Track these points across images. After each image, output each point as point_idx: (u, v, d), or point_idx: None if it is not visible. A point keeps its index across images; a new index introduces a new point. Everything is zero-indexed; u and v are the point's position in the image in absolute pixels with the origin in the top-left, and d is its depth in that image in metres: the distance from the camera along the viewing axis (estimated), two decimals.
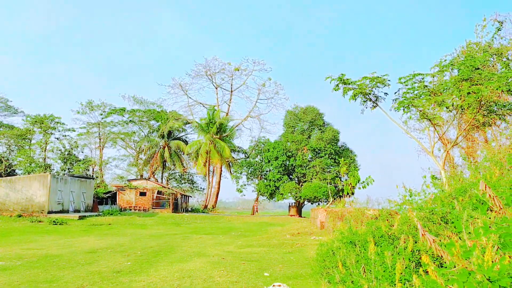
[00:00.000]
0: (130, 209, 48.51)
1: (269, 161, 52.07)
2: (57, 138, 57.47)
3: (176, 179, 71.75)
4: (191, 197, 68.79)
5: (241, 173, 56.81)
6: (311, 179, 49.35)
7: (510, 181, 7.74)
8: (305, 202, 51.43)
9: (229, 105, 66.12)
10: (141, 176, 64.36)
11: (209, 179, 61.03)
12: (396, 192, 10.61)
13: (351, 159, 50.58)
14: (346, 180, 38.39)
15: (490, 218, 4.83)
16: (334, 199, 34.16)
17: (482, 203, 7.05)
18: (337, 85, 16.80)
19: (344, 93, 16.97)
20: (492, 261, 2.72)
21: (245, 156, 61.31)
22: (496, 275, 2.17)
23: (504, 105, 16.64)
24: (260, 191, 52.74)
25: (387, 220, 9.52)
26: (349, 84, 16.69)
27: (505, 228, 2.47)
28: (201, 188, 72.05)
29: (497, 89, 14.88)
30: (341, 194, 40.11)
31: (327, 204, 35.79)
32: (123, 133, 65.82)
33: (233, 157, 60.20)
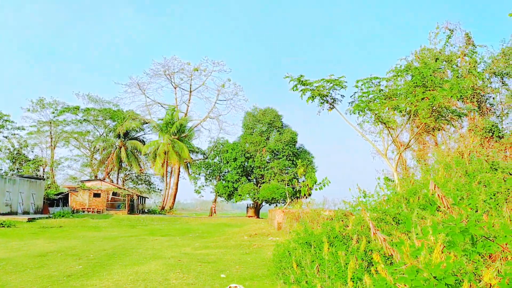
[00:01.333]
0: (83, 211, 46.91)
1: (227, 162, 51.96)
2: (6, 137, 54.74)
3: (133, 180, 70.15)
4: (148, 198, 67.51)
5: (199, 174, 56.37)
6: (269, 180, 49.66)
7: (457, 183, 8.09)
8: (263, 203, 51.67)
9: (188, 106, 65.52)
10: (96, 177, 62.43)
11: (166, 180, 60.13)
12: (351, 193, 10.85)
13: (308, 161, 51.31)
14: (303, 181, 38.89)
15: (438, 217, 5.01)
16: (292, 200, 34.50)
17: (431, 204, 7.31)
18: (296, 85, 16.97)
19: (302, 94, 17.16)
20: (439, 260, 2.80)
21: (203, 157, 60.89)
22: (442, 273, 2.24)
23: (453, 111, 17.41)
24: (218, 192, 52.54)
25: (342, 220, 9.70)
26: (307, 85, 16.90)
27: (451, 227, 2.55)
28: (158, 189, 70.82)
29: (450, 96, 15.54)
30: (298, 195, 40.61)
31: (284, 205, 36.12)
32: (77, 132, 63.60)
33: (191, 158, 59.62)
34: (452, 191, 7.60)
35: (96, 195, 48.84)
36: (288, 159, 50.66)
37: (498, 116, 20.66)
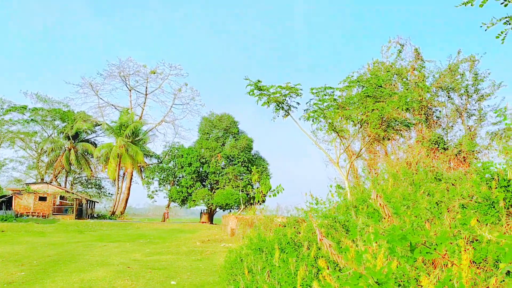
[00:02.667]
0: (28, 215, 44.66)
1: (182, 167, 51.33)
2: None
3: (82, 184, 67.62)
4: (97, 202, 65.30)
5: (153, 179, 55.29)
6: (224, 186, 49.51)
7: (404, 192, 8.40)
8: (217, 209, 51.42)
9: (143, 109, 64.24)
10: (42, 179, 59.71)
11: (118, 184, 58.48)
12: (304, 200, 11.01)
13: (263, 168, 51.65)
14: (257, 188, 39.07)
15: (382, 225, 5.17)
16: (246, 206, 34.55)
17: (378, 213, 7.55)
18: (253, 90, 17.09)
19: (258, 99, 17.30)
20: (382, 266, 2.89)
21: (158, 161, 59.78)
22: (383, 278, 2.31)
23: (401, 122, 18.12)
24: (172, 198, 51.75)
25: (294, 227, 9.81)
26: (264, 90, 17.06)
27: (391, 234, 2.65)
28: (109, 193, 68.64)
29: (397, 108, 16.17)
30: (252, 201, 40.72)
31: (238, 211, 36.09)
32: (23, 133, 60.56)
33: (145, 162, 58.40)
34: (399, 200, 7.89)
35: (42, 198, 46.65)
36: (243, 165, 50.75)
37: (443, 129, 21.68)
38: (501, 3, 8.83)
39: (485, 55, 21.21)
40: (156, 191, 55.41)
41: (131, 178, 59.47)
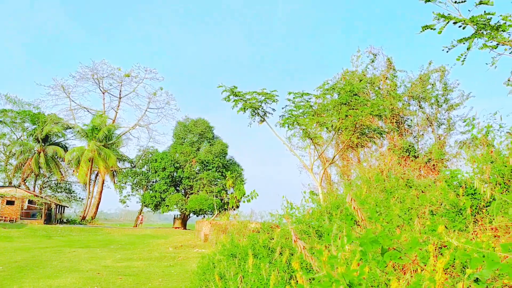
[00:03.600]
0: None
1: (156, 172, 50.74)
2: None
3: (52, 188, 65.81)
4: (67, 207, 63.70)
5: (125, 183, 54.41)
6: (198, 191, 49.19)
7: (376, 198, 8.54)
8: (191, 214, 50.99)
9: (117, 112, 63.21)
10: (10, 183, 57.86)
11: (89, 188, 57.23)
12: (278, 206, 11.05)
13: (237, 173, 51.59)
14: (231, 193, 38.97)
15: (356, 230, 5.24)
16: (219, 212, 34.35)
17: (352, 218, 7.64)
18: (228, 96, 17.10)
19: (234, 105, 17.31)
20: (355, 269, 2.93)
21: (131, 165, 58.87)
22: (355, 280, 2.34)
23: (374, 129, 18.44)
24: (145, 202, 51.02)
25: (268, 233, 9.82)
26: (239, 96, 17.09)
27: (363, 237, 2.69)
28: (79, 198, 67.06)
29: (370, 114, 16.45)
30: (226, 207, 40.60)
31: (212, 216, 35.87)
32: None
33: (118, 166, 57.41)
34: (372, 206, 8.01)
35: (10, 202, 45.16)
36: (217, 170, 50.56)
37: (414, 137, 22.18)
38: (459, 27, 9.16)
39: (454, 66, 21.87)
40: (129, 195, 54.57)
41: (103, 182, 58.33)
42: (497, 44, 9.50)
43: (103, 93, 62.28)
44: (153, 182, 52.37)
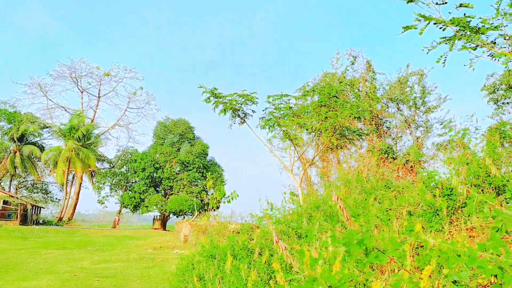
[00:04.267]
0: None
1: (135, 172, 50.18)
2: None
3: (28, 188, 64.34)
4: (44, 208, 62.39)
5: (104, 184, 53.62)
6: (178, 192, 48.84)
7: (355, 199, 8.62)
8: (171, 215, 50.58)
9: (95, 111, 62.24)
10: None
11: (66, 189, 56.18)
12: (258, 206, 11.04)
13: (218, 174, 51.45)
14: (212, 194, 38.86)
15: (338, 230, 5.27)
16: (200, 212, 34.20)
17: (333, 218, 7.69)
18: (209, 98, 17.04)
19: (215, 106, 17.27)
20: (337, 270, 2.94)
21: (110, 166, 58.05)
22: (336, 282, 2.35)
23: (354, 131, 18.63)
24: (124, 203, 50.37)
25: (248, 233, 9.81)
26: (220, 98, 17.04)
27: (348, 238, 2.70)
28: (56, 198, 65.74)
29: (350, 116, 16.62)
30: (206, 208, 40.41)
31: (192, 217, 35.68)
32: None
33: (96, 167, 56.53)
34: (351, 207, 8.08)
35: None
36: (198, 171, 50.31)
37: (393, 139, 22.50)
38: (440, 28, 9.36)
39: (432, 69, 22.30)
40: (107, 196, 53.80)
41: (81, 183, 57.36)
42: (476, 46, 9.72)
43: (82, 92, 61.30)
44: (132, 182, 51.77)
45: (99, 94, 61.50)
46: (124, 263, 15.33)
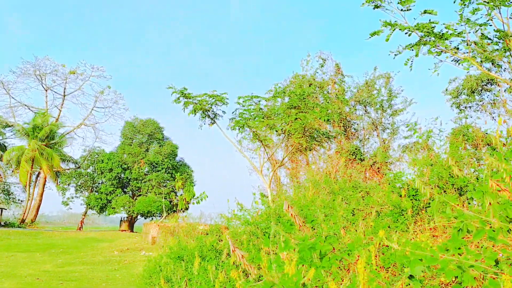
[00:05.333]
0: None
1: (102, 173, 49.10)
2: None
3: None
4: (5, 209, 60.15)
5: (69, 185, 52.19)
6: (146, 193, 48.12)
7: (323, 200, 8.71)
8: (139, 217, 49.75)
9: (61, 110, 60.45)
10: None
11: (29, 190, 54.36)
12: (228, 206, 11.01)
13: (187, 175, 51.01)
14: (181, 195, 38.50)
15: (294, 234, 5.30)
16: (168, 214, 33.78)
17: (291, 224, 7.75)
18: (178, 98, 16.89)
19: (185, 107, 17.12)
20: (293, 273, 2.95)
21: (75, 166, 56.55)
22: (293, 285, 2.35)
23: (323, 133, 18.86)
24: (89, 205, 49.19)
25: (217, 235, 9.76)
26: (190, 98, 16.92)
27: (301, 244, 2.72)
28: (19, 200, 63.46)
29: (319, 119, 16.83)
30: (175, 209, 40.00)
31: (160, 219, 35.26)
32: None
33: (61, 167, 54.93)
34: (319, 207, 8.16)
35: None
36: (167, 172, 49.74)
37: (360, 141, 22.92)
38: (405, 33, 9.64)
39: (399, 73, 22.86)
40: (72, 197, 52.37)
41: (45, 184, 55.62)
42: (441, 51, 10.03)
43: (46, 90, 59.41)
44: (99, 183, 50.63)
45: (64, 92, 59.77)
46: (89, 266, 14.97)
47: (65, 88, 59.45)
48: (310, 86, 21.49)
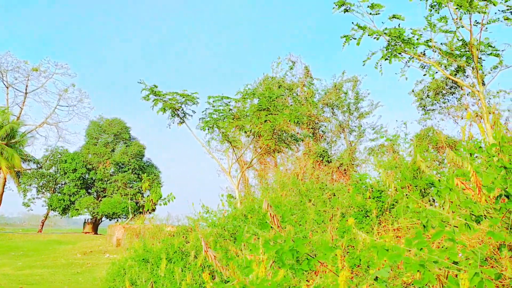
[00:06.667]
0: None
1: (65, 173, 47.72)
2: None
3: None
4: None
5: (30, 185, 50.43)
6: (112, 194, 47.09)
7: (290, 201, 8.76)
8: (103, 218, 48.63)
9: (22, 108, 58.34)
10: None
11: None
12: (195, 208, 10.91)
13: (155, 175, 50.28)
14: (148, 196, 37.88)
15: (271, 235, 5.30)
16: (134, 215, 33.19)
17: (266, 224, 7.75)
18: (148, 95, 16.64)
19: (154, 104, 16.89)
20: (265, 275, 2.93)
21: (37, 166, 54.70)
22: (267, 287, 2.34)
23: (292, 135, 19.00)
24: (52, 206, 47.69)
25: (184, 236, 9.65)
26: (160, 96, 16.70)
27: (281, 246, 2.70)
28: None
29: (289, 121, 16.95)
30: (141, 210, 39.36)
31: (126, 220, 34.61)
32: None
33: (22, 167, 53.02)
34: (287, 209, 8.20)
35: None
36: (133, 172, 48.86)
37: (328, 143, 23.23)
38: (373, 38, 9.88)
39: (366, 76, 23.31)
40: (34, 198, 50.63)
41: (4, 184, 53.55)
42: (410, 58, 10.31)
43: (7, 87, 57.22)
44: (61, 184, 49.17)
45: (26, 90, 57.75)
46: (51, 269, 14.50)
47: (27, 86, 57.44)
48: (279, 88, 21.62)
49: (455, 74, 11.41)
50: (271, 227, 6.14)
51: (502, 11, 9.38)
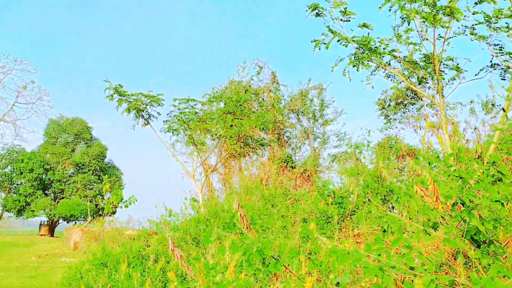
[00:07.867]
0: None
1: (21, 173, 45.86)
2: None
3: None
4: None
5: None
6: (70, 195, 45.65)
7: (253, 206, 8.78)
8: (60, 221, 47.04)
9: None
10: None
11: None
12: (157, 211, 10.75)
13: (116, 177, 49.15)
14: (108, 198, 36.97)
15: (237, 237, 5.28)
16: (93, 218, 32.27)
17: (234, 224, 7.72)
18: (112, 95, 16.27)
19: (118, 105, 16.53)
20: (233, 278, 2.92)
21: None
22: None
23: (257, 140, 19.06)
24: (6, 207, 45.70)
25: (145, 240, 9.47)
26: (124, 96, 16.36)
27: (249, 247, 2.69)
28: None
29: (255, 127, 17.01)
30: (101, 213, 38.34)
31: (84, 223, 33.64)
32: None
33: None
34: (256, 211, 8.20)
35: None
36: (94, 174, 47.57)
37: (293, 149, 23.44)
38: (342, 44, 10.11)
39: (331, 84, 23.75)
40: None
41: None
42: (377, 67, 10.58)
43: None
44: (17, 184, 47.21)
45: None
46: (3, 273, 13.88)
47: None
48: (246, 92, 21.65)
49: (418, 85, 11.81)
50: (239, 228, 6.14)
51: (465, 26, 9.79)
